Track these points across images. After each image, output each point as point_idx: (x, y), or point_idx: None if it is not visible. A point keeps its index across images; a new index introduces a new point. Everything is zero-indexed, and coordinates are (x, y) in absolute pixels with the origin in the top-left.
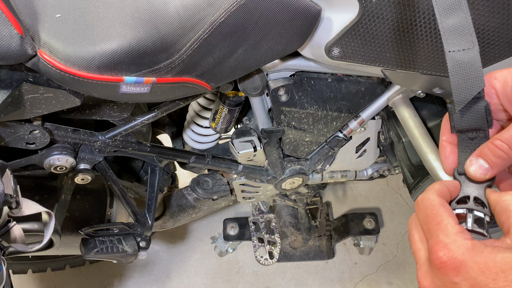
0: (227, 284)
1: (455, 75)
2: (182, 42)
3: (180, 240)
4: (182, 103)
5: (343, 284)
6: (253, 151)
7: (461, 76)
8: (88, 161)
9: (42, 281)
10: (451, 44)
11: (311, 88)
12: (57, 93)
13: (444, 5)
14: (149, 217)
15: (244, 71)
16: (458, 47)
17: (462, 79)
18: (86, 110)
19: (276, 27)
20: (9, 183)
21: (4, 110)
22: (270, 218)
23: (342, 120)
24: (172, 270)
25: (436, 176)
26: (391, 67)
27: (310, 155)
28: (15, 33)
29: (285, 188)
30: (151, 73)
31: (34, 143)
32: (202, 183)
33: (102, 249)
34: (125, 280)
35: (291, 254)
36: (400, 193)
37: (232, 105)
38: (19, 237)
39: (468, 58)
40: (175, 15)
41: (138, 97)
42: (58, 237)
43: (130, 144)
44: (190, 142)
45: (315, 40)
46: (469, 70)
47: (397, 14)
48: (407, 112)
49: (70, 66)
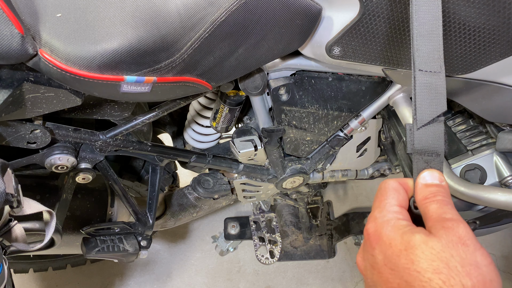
0: (228, 283)
1: (421, 94)
2: (183, 41)
3: (181, 239)
4: (182, 102)
5: (344, 283)
6: (254, 150)
7: (427, 95)
8: (89, 161)
9: (43, 280)
10: (422, 64)
11: (311, 87)
12: (58, 92)
13: (422, 30)
14: (150, 216)
15: (245, 70)
16: (428, 68)
17: (428, 98)
18: (87, 110)
19: (276, 26)
20: (10, 182)
21: (5, 110)
22: (271, 217)
23: (343, 119)
24: (173, 269)
25: None
26: (392, 66)
27: (311, 154)
28: (16, 32)
29: (286, 187)
30: (152, 72)
31: (35, 143)
32: (203, 182)
33: (103, 248)
34: (126, 279)
35: (292, 253)
36: None
37: (233, 104)
38: (21, 236)
39: (436, 80)
40: (175, 14)
41: (139, 97)
42: (59, 236)
43: (131, 144)
44: (191, 141)
45: (316, 39)
46: (436, 91)
47: (397, 13)
48: (408, 111)
49: (71, 65)
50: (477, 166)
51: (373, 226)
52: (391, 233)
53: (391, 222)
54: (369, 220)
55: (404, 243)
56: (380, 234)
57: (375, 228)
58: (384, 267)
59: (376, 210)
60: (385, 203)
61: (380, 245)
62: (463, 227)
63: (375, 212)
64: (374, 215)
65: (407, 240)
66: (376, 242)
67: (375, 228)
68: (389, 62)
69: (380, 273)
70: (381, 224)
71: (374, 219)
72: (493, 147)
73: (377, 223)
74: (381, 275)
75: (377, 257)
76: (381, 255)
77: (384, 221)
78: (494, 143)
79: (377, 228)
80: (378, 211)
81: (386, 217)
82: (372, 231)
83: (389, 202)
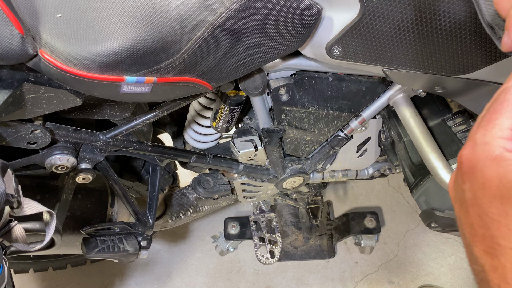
0: (228, 283)
1: None
2: (183, 41)
3: (181, 239)
4: (183, 102)
5: (344, 283)
6: (254, 150)
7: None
8: (89, 161)
9: (43, 280)
10: None
11: (312, 87)
12: (58, 92)
13: None
14: (150, 217)
15: (245, 71)
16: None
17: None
18: (87, 110)
19: (277, 26)
20: (11, 183)
21: (5, 110)
22: (271, 217)
23: (343, 119)
24: (173, 269)
25: (437, 175)
26: (392, 66)
27: (311, 155)
28: (16, 33)
29: (286, 188)
30: (152, 72)
31: (35, 143)
32: (203, 183)
33: (103, 249)
34: (126, 279)
35: (292, 253)
36: (401, 192)
37: (233, 104)
38: (21, 236)
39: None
40: (176, 15)
41: (139, 97)
42: (60, 236)
43: (131, 144)
44: (191, 141)
45: (316, 39)
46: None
47: (398, 13)
48: (408, 111)
49: (71, 66)
50: None
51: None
52: (489, 170)
53: (494, 153)
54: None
55: (502, 188)
56: (475, 167)
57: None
58: (472, 209)
59: (480, 130)
60: (495, 123)
61: (471, 181)
62: None
63: (478, 133)
64: (475, 137)
65: (508, 186)
66: (467, 175)
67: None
68: (389, 62)
69: (467, 213)
70: (480, 153)
71: (473, 142)
72: None
73: (475, 150)
74: (467, 216)
75: (466, 194)
76: (470, 193)
77: (485, 149)
78: None
79: (473, 157)
80: (482, 132)
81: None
82: (466, 158)
83: (501, 123)
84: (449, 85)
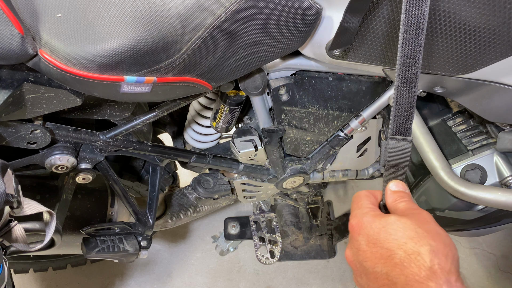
0: (228, 283)
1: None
2: (183, 41)
3: (181, 239)
4: (183, 102)
5: (344, 283)
6: (254, 150)
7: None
8: (89, 161)
9: (43, 280)
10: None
11: (312, 87)
12: (58, 92)
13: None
14: (150, 217)
15: (245, 71)
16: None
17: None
18: (87, 110)
19: (277, 26)
20: (11, 183)
21: (5, 110)
22: (271, 217)
23: (343, 119)
24: (173, 269)
25: (437, 175)
26: (392, 66)
27: (311, 154)
28: (16, 33)
29: (286, 187)
30: (152, 72)
31: (35, 143)
32: (203, 183)
33: (103, 249)
34: (126, 279)
35: (292, 253)
36: None
37: (233, 104)
38: (21, 236)
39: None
40: (175, 15)
41: (139, 97)
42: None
43: (131, 144)
44: (191, 141)
45: (316, 39)
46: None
47: (397, 13)
48: None
49: (71, 65)
50: (477, 166)
51: (355, 219)
52: (370, 218)
53: (370, 212)
54: (351, 218)
55: (382, 223)
56: (362, 222)
57: (357, 220)
58: (368, 245)
59: (355, 210)
60: (361, 203)
61: (362, 230)
62: (426, 213)
63: (355, 211)
64: (355, 213)
65: (384, 221)
66: (359, 230)
67: (357, 220)
68: (389, 62)
69: (365, 251)
70: (361, 215)
71: (355, 215)
72: (494, 147)
73: (358, 216)
74: (366, 253)
75: (361, 242)
76: (364, 238)
77: (363, 213)
78: (495, 143)
79: (358, 220)
80: (357, 209)
81: (364, 210)
82: (355, 223)
83: (364, 202)
84: (449, 85)
